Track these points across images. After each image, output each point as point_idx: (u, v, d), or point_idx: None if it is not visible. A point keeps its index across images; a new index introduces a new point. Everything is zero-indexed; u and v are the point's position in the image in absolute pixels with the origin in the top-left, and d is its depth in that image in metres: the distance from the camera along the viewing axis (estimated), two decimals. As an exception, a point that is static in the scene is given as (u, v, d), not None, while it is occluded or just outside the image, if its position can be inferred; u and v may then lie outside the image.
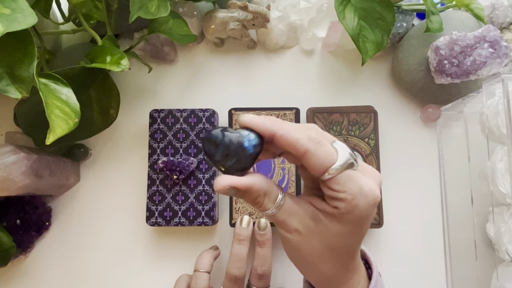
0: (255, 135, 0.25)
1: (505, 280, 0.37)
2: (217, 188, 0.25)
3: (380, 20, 0.42)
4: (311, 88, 0.50)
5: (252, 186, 0.25)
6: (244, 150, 0.25)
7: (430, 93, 0.46)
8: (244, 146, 0.25)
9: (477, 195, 0.41)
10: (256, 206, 0.26)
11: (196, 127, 0.46)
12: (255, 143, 0.25)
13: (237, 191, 0.25)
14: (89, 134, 0.44)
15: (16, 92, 0.30)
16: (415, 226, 0.46)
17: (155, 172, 0.45)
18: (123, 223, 0.47)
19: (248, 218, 0.42)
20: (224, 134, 0.25)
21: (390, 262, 0.46)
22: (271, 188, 0.26)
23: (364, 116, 0.45)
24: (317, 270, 0.27)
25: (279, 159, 0.45)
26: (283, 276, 0.46)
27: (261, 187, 0.25)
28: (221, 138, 0.25)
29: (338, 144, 0.25)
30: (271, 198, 0.26)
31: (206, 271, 0.40)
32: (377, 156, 0.45)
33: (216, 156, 0.25)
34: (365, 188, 0.24)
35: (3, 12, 0.28)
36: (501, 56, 0.40)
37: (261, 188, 0.25)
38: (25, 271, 0.47)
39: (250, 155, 0.25)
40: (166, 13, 0.39)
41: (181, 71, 0.51)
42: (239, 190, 0.25)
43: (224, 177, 0.25)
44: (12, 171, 0.38)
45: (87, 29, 0.42)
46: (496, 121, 0.37)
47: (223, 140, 0.25)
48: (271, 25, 0.48)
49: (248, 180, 0.25)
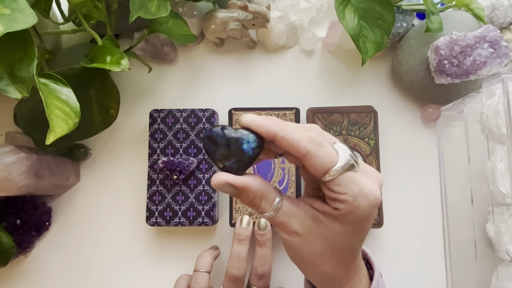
0: (255, 137, 0.25)
1: (505, 280, 0.37)
2: (213, 183, 0.25)
3: (380, 20, 0.42)
4: (311, 88, 0.50)
5: (248, 186, 0.25)
6: (243, 152, 0.25)
7: (430, 93, 0.46)
8: (243, 148, 0.25)
9: (477, 195, 0.41)
10: (253, 207, 0.26)
11: (196, 127, 0.46)
12: (255, 145, 0.25)
13: (233, 189, 0.25)
14: (89, 134, 0.44)
15: (16, 92, 0.30)
16: (415, 226, 0.46)
17: (155, 172, 0.45)
18: (123, 223, 0.47)
19: (248, 218, 0.42)
20: (225, 133, 0.25)
21: (390, 262, 0.46)
22: (269, 191, 0.26)
23: (364, 116, 0.45)
24: (319, 270, 0.27)
25: (279, 159, 0.45)
26: (283, 276, 0.46)
27: (258, 188, 0.25)
28: (221, 138, 0.25)
29: (339, 145, 0.25)
30: (268, 200, 0.26)
31: (206, 271, 0.40)
32: (377, 156, 0.45)
33: (215, 155, 0.25)
34: (366, 189, 0.24)
35: (3, 12, 0.28)
36: (501, 56, 0.40)
37: (258, 189, 0.26)
38: (25, 271, 0.47)
39: (248, 157, 0.25)
40: (166, 13, 0.39)
41: (181, 71, 0.51)
42: (236, 188, 0.25)
43: (222, 173, 0.25)
44: (12, 171, 0.38)
45: (87, 29, 0.42)
46: (496, 121, 0.37)
47: (223, 140, 0.25)
48: (271, 25, 0.48)
49: (244, 179, 0.25)
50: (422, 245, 0.46)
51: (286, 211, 0.26)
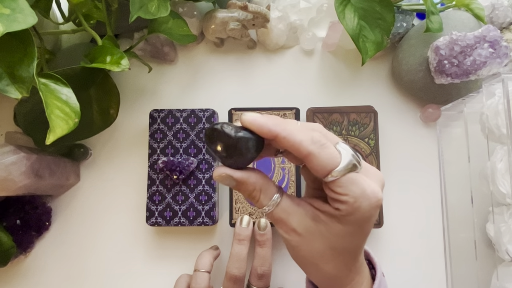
0: (255, 137, 0.25)
1: (505, 280, 0.37)
2: (214, 175, 0.26)
3: (380, 20, 0.42)
4: (311, 88, 0.50)
5: (247, 179, 0.26)
6: (243, 150, 0.25)
7: (430, 93, 0.46)
8: (243, 147, 0.25)
9: (477, 195, 0.41)
10: (252, 201, 0.27)
11: (196, 127, 0.46)
12: (255, 144, 0.25)
13: (232, 181, 0.26)
14: (89, 134, 0.44)
15: (16, 92, 0.30)
16: (415, 226, 0.46)
17: (155, 172, 0.45)
18: (123, 223, 0.47)
19: (248, 218, 0.42)
20: (225, 132, 0.25)
21: (390, 262, 0.46)
22: (268, 185, 0.26)
23: (364, 116, 0.45)
24: (320, 270, 0.27)
25: (279, 158, 0.45)
26: (283, 276, 0.46)
27: (256, 181, 0.26)
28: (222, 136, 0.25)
29: (342, 145, 0.25)
30: (267, 194, 0.26)
31: (206, 270, 0.40)
32: (377, 156, 0.45)
33: (217, 152, 0.26)
34: (368, 191, 0.24)
35: (3, 12, 0.28)
36: (501, 56, 0.40)
37: (257, 182, 0.26)
38: (25, 271, 0.47)
39: (249, 156, 0.26)
40: (166, 13, 0.39)
41: (181, 71, 0.51)
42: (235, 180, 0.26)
43: (223, 166, 0.26)
44: (12, 171, 0.38)
45: (87, 29, 0.42)
46: (496, 121, 0.37)
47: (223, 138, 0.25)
48: (271, 25, 0.48)
49: (243, 172, 0.26)
50: (422, 245, 0.46)
51: (286, 208, 0.26)
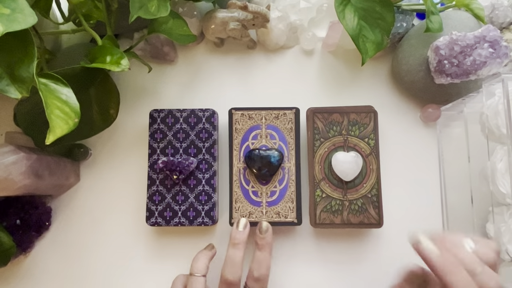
0: (278, 153, 0.43)
1: (505, 280, 0.37)
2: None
3: (380, 20, 0.42)
4: (311, 88, 0.50)
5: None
6: (271, 163, 0.43)
7: (430, 93, 0.46)
8: (271, 161, 0.43)
9: (477, 195, 0.41)
10: None
11: (196, 127, 0.46)
12: (278, 158, 0.43)
13: None
14: (89, 134, 0.44)
15: (16, 92, 0.30)
16: (415, 226, 0.46)
17: (155, 172, 0.45)
18: (123, 223, 0.47)
19: (245, 221, 0.41)
20: (260, 153, 0.43)
21: (390, 262, 0.45)
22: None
23: (364, 116, 0.45)
24: None
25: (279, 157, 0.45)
26: (281, 280, 0.46)
27: None
28: (256, 156, 0.43)
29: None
30: None
31: (201, 275, 0.39)
32: (377, 156, 0.45)
33: (254, 168, 0.43)
34: None
35: (3, 12, 0.28)
36: (501, 56, 0.40)
37: None
38: (25, 271, 0.47)
39: (275, 166, 0.43)
40: (166, 13, 0.39)
41: (181, 71, 0.51)
42: None
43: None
44: (12, 171, 0.38)
45: (87, 29, 0.42)
46: (496, 121, 0.37)
47: (257, 157, 0.43)
48: (271, 25, 0.48)
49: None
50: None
51: None
